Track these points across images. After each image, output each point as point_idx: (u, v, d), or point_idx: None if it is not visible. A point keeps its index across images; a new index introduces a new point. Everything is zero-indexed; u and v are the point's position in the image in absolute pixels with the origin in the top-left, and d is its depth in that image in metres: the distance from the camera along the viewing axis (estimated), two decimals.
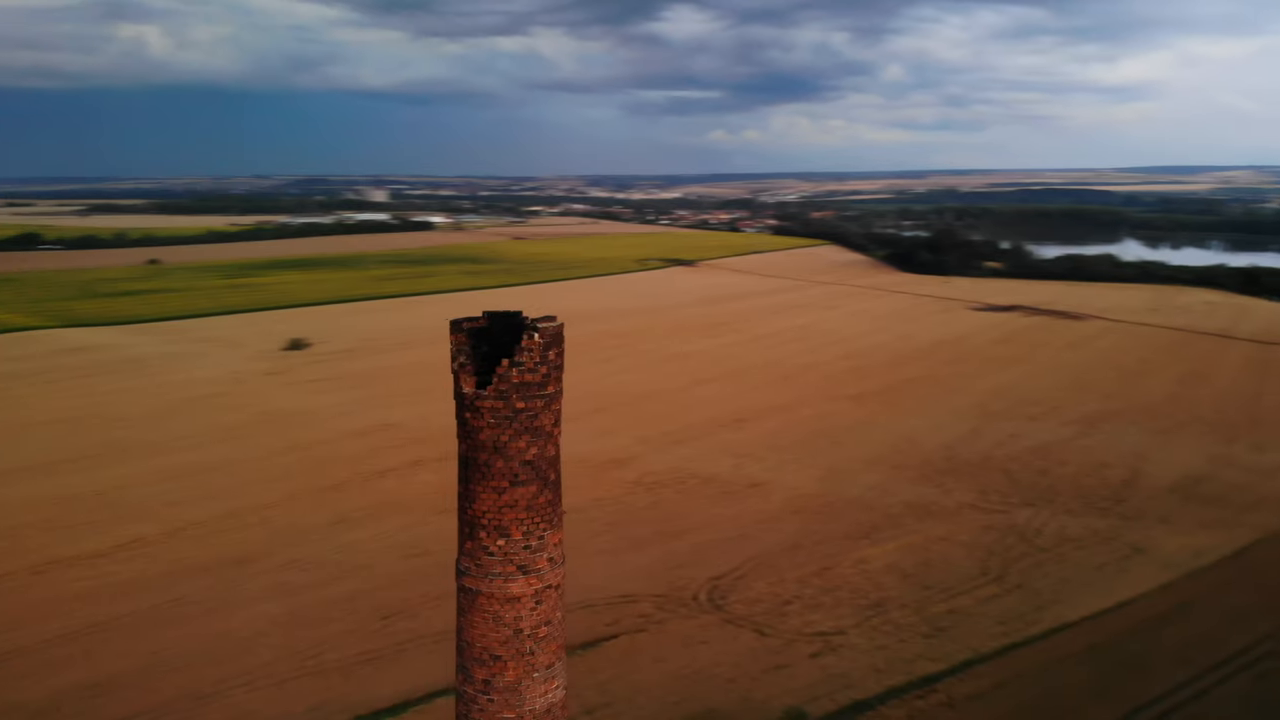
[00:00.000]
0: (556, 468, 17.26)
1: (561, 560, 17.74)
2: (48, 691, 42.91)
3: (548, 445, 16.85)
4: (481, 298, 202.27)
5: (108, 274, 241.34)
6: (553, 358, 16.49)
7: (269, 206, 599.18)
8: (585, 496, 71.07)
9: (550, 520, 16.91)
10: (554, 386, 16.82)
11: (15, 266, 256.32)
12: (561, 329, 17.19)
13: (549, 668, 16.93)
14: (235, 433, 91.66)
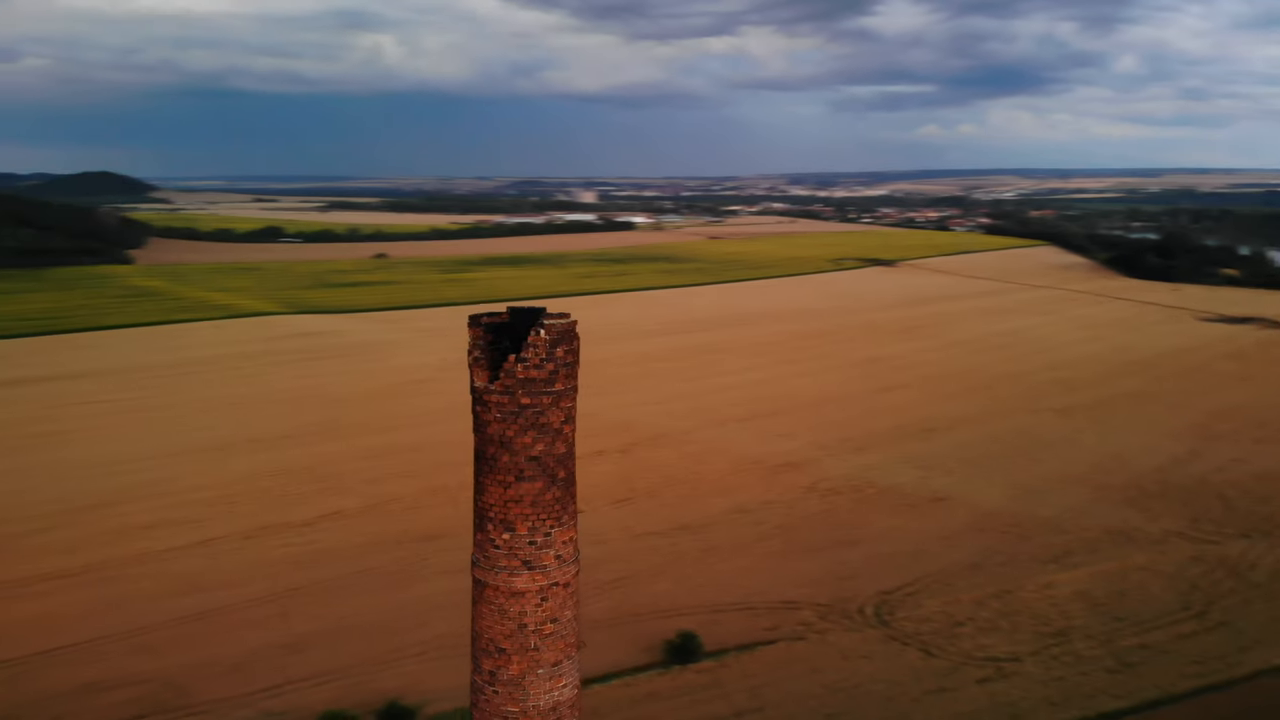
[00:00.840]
0: (568, 466, 17.10)
1: (572, 559, 17.43)
2: (245, 647, 47.32)
3: (556, 443, 16.55)
4: (673, 296, 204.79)
5: (339, 266, 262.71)
6: (560, 355, 16.30)
7: (487, 206, 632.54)
8: (755, 498, 70.55)
9: (557, 518, 16.68)
10: (563, 384, 16.56)
11: (259, 257, 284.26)
12: (572, 327, 16.91)
13: (555, 665, 16.90)
14: (437, 416, 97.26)
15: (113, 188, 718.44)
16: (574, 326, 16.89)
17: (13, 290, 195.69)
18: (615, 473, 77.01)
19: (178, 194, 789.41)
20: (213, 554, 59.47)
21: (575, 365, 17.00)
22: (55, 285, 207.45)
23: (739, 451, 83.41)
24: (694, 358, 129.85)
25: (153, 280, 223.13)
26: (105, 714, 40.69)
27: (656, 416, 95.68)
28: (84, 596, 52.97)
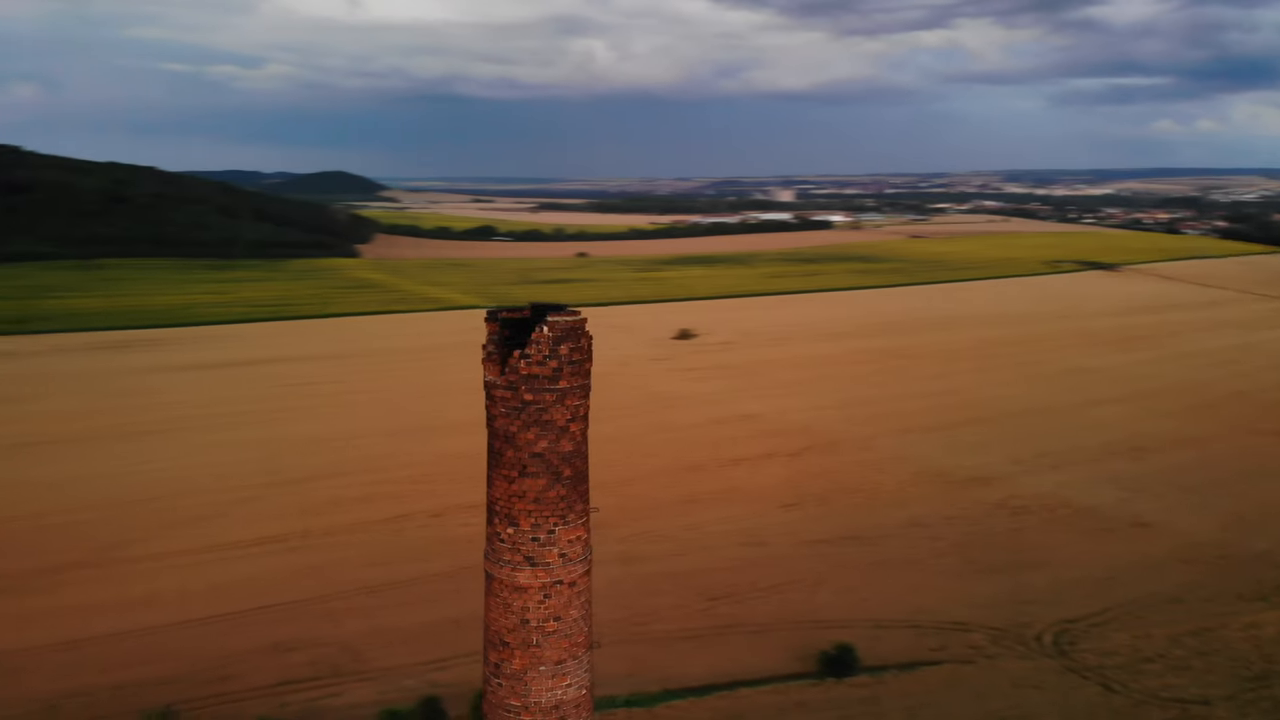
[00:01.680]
0: (575, 465, 16.95)
1: (579, 559, 17.22)
2: (420, 620, 50.22)
3: (560, 440, 16.59)
4: (866, 297, 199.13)
5: (543, 263, 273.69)
6: (564, 352, 16.22)
7: (685, 207, 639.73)
8: (935, 512, 67.51)
9: (562, 516, 16.70)
10: (567, 382, 16.41)
11: (471, 254, 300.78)
12: (578, 325, 16.61)
13: (559, 664, 16.89)
14: (618, 411, 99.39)
15: (346, 186, 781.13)
16: (581, 325, 16.69)
17: (252, 279, 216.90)
18: (784, 476, 75.93)
19: (404, 193, 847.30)
20: (404, 529, 63.57)
21: (584, 364, 16.79)
22: (289, 275, 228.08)
23: (922, 462, 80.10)
24: (881, 362, 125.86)
25: (375, 274, 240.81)
26: (285, 673, 44.30)
27: (834, 421, 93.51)
28: (284, 562, 58.01)
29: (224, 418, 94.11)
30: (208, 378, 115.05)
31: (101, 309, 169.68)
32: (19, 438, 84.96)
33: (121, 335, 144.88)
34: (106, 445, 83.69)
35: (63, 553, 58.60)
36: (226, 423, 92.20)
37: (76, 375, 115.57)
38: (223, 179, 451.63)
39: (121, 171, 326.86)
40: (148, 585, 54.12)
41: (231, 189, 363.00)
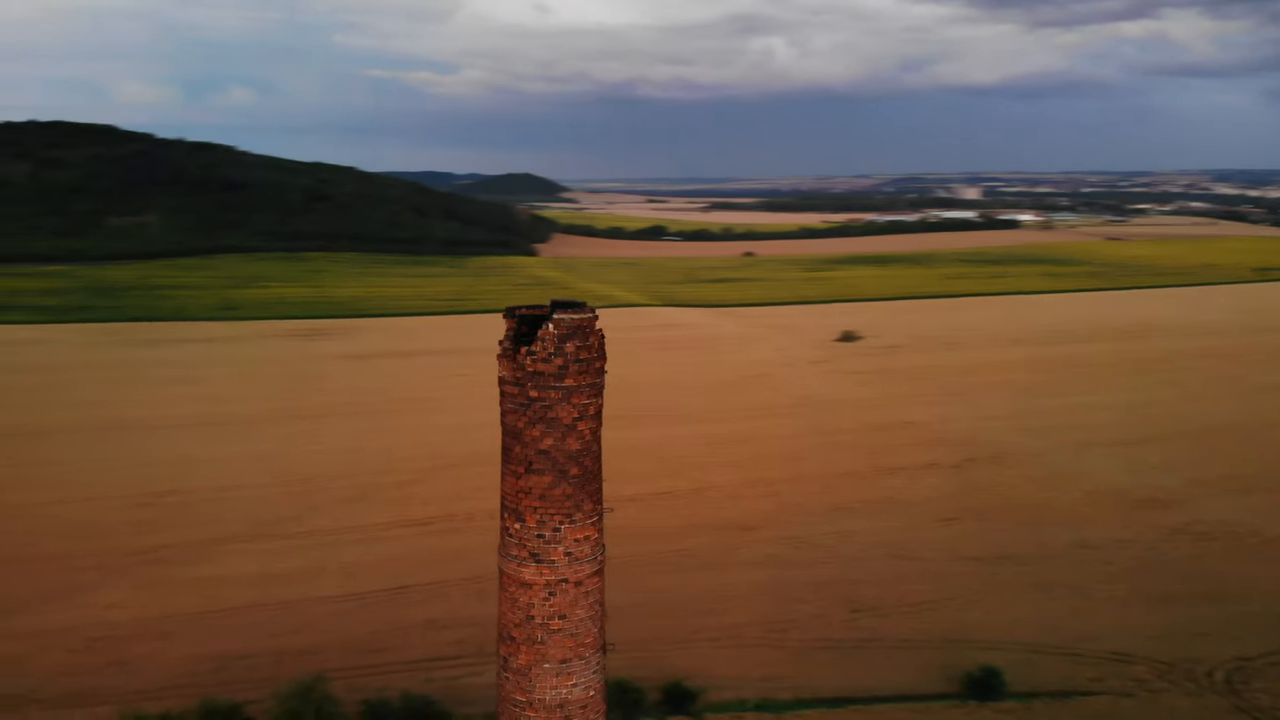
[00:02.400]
0: (582, 464, 16.75)
1: (587, 559, 17.00)
2: None
3: (567, 439, 16.43)
4: (1054, 302, 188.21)
5: (709, 263, 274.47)
6: (570, 350, 16.00)
7: (861, 205, 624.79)
8: (1107, 534, 63.12)
9: (568, 514, 16.60)
10: (574, 380, 16.18)
11: (641, 253, 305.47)
12: (587, 323, 16.26)
13: (563, 663, 16.77)
14: (771, 412, 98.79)
15: (531, 188, 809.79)
16: (590, 323, 16.36)
17: (436, 274, 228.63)
18: (945, 489, 72.95)
19: (584, 194, 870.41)
20: None
21: (593, 362, 16.52)
22: (471, 272, 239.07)
23: (1097, 480, 75.09)
24: (1062, 371, 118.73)
25: (550, 271, 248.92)
26: (433, 650, 46.57)
27: (1004, 432, 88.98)
28: (440, 543, 60.95)
29: (394, 403, 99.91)
30: (384, 365, 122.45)
31: (301, 298, 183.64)
32: (208, 417, 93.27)
33: (316, 324, 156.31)
34: (283, 425, 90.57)
35: (232, 524, 63.83)
36: (396, 408, 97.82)
37: (269, 359, 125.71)
38: (417, 179, 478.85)
39: (325, 171, 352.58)
40: (310, 559, 58.16)
41: (424, 189, 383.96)
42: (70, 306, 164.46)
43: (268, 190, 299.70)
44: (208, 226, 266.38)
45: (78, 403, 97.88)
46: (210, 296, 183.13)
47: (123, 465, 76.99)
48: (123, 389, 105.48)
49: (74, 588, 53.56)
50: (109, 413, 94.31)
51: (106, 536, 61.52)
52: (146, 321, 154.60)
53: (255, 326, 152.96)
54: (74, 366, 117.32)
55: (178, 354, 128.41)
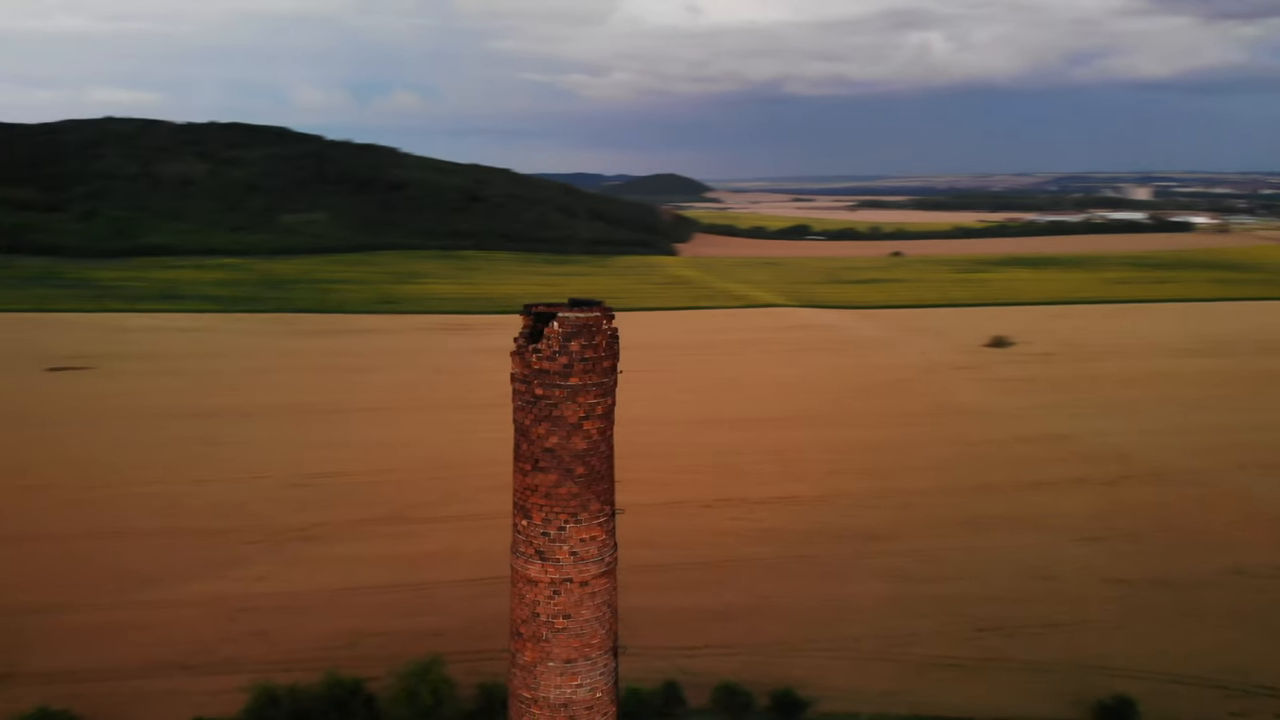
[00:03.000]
0: (589, 464, 16.50)
1: (594, 559, 16.65)
2: (676, 605, 51.75)
3: (572, 437, 16.27)
4: (1229, 310, 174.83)
5: (853, 263, 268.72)
6: (575, 349, 15.89)
7: (1021, 204, 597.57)
8: (1268, 561, 58.35)
9: (574, 514, 16.45)
10: (579, 379, 16.04)
11: (782, 253, 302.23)
12: (594, 322, 15.98)
13: (568, 662, 16.63)
14: (908, 419, 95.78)
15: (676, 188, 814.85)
16: (598, 322, 16.12)
17: (581, 273, 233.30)
18: (1093, 507, 68.92)
19: (728, 194, 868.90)
20: (674, 516, 65.70)
21: (600, 362, 16.28)
22: (614, 271, 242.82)
23: (1260, 503, 69.43)
24: (1231, 385, 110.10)
25: (689, 270, 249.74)
26: None
27: (1161, 450, 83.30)
28: None
29: None
30: None
31: (454, 294, 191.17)
32: (364, 404, 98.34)
33: (467, 319, 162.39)
34: (433, 414, 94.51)
35: (378, 507, 67.19)
36: None
37: (421, 352, 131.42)
38: (567, 181, 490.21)
39: (481, 173, 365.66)
40: (448, 543, 60.51)
41: (573, 190, 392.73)
42: (241, 297, 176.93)
43: (427, 190, 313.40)
44: (371, 224, 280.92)
45: (243, 387, 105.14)
46: (370, 291, 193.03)
47: (282, 447, 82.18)
48: (286, 376, 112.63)
49: (228, 561, 57.61)
50: (272, 398, 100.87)
51: (262, 514, 65.87)
52: (310, 313, 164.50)
53: (410, 320, 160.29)
54: (241, 354, 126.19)
55: (338, 344, 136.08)
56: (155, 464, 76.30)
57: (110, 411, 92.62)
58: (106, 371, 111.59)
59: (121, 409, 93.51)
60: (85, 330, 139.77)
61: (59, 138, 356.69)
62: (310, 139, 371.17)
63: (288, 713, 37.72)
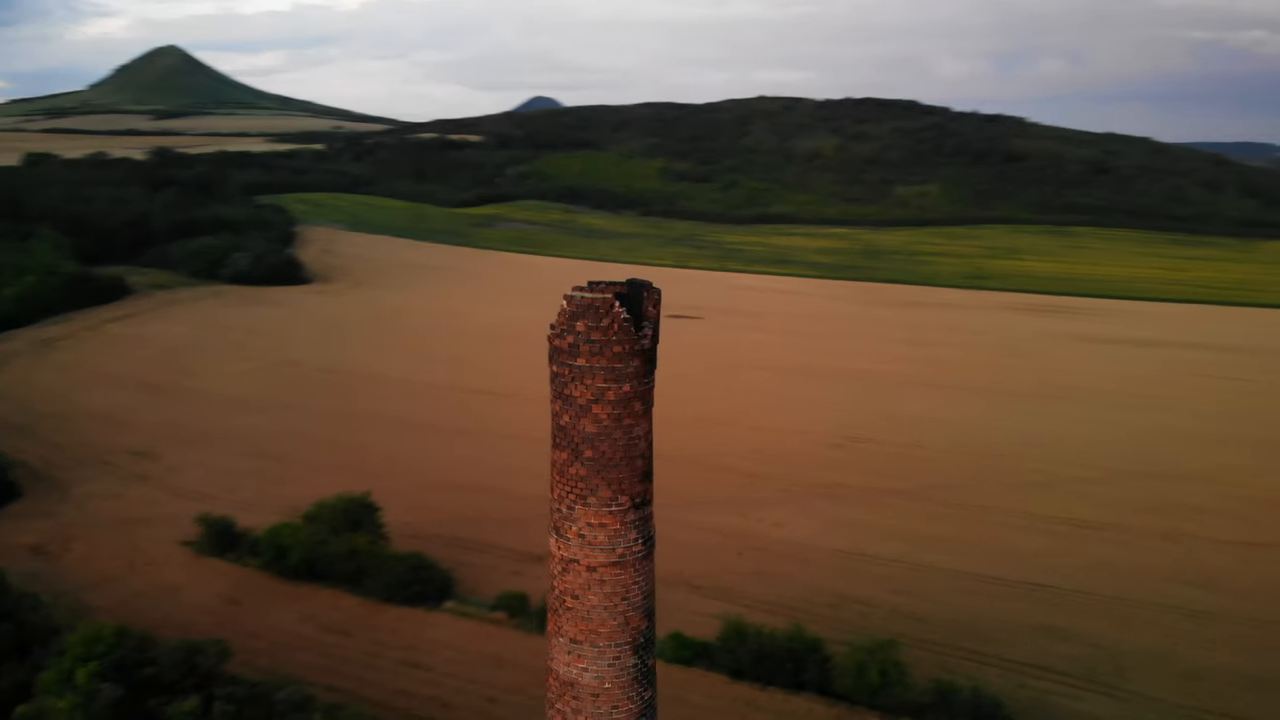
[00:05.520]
0: (598, 448, 16.01)
1: (603, 547, 16.28)
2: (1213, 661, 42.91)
3: (581, 419, 15.94)
4: None
5: None
6: (581, 329, 15.46)
7: None
8: None
9: (581, 496, 16.21)
10: (586, 360, 15.61)
11: None
12: (601, 304, 15.29)
13: (574, 642, 16.60)
14: None
15: None
16: (607, 303, 15.09)
17: (1215, 258, 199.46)
18: None
19: None
20: (1239, 558, 54.32)
21: (609, 345, 15.29)
22: (1262, 258, 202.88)
23: None
24: None
25: None
26: (1039, 657, 42.96)
27: None
28: (1091, 550, 55.33)
29: (1107, 395, 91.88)
30: (1117, 353, 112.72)
31: (1050, 274, 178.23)
32: (918, 377, 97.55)
33: (1059, 300, 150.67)
34: (982, 397, 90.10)
35: (902, 480, 66.63)
36: (1111, 400, 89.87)
37: (996, 330, 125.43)
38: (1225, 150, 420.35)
39: (1114, 143, 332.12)
40: (959, 530, 57.99)
41: (1224, 162, 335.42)
42: (841, 265, 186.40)
43: (1049, 162, 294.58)
44: (983, 197, 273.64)
45: (818, 350, 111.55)
46: (963, 265, 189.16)
47: (832, 409, 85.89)
48: (858, 342, 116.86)
49: (755, 502, 62.63)
50: (838, 361, 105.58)
51: (797, 466, 70.07)
52: (900, 284, 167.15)
53: (996, 297, 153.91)
54: (825, 318, 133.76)
55: (916, 316, 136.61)
56: (728, 406, 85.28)
57: (701, 354, 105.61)
58: (712, 322, 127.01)
59: (713, 355, 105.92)
60: (706, 285, 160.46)
61: (718, 116, 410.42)
62: (936, 111, 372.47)
63: (752, 651, 40.25)
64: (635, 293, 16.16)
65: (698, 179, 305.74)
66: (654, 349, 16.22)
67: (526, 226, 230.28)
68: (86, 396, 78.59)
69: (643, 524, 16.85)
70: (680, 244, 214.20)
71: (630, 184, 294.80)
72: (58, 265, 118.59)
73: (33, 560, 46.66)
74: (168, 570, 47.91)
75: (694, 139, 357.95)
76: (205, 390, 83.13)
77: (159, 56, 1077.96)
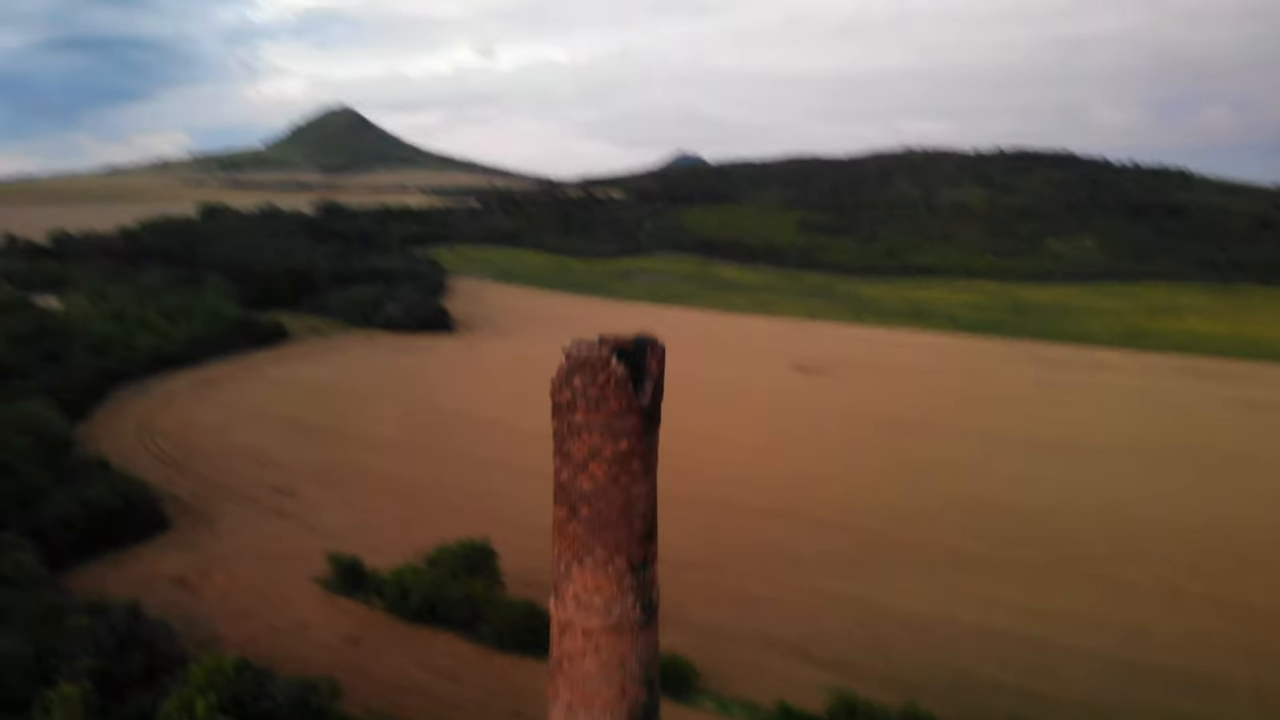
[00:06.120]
0: (595, 507, 15.23)
1: (600, 610, 15.30)
2: None
3: (578, 477, 15.34)
4: None
5: None
6: (578, 385, 15.11)
7: None
8: None
9: (578, 556, 15.40)
10: (583, 417, 15.09)
11: None
12: (594, 361, 14.94)
13: (570, 708, 15.96)
14: None
15: None
16: (602, 360, 14.94)
17: None
18: None
19: None
20: None
21: (606, 402, 14.92)
22: None
23: None
24: None
25: None
26: None
27: None
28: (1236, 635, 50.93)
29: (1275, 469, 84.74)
30: None
31: (1215, 334, 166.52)
32: (1054, 439, 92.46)
33: (1222, 363, 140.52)
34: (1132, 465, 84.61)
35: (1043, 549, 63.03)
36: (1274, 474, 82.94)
37: (1149, 394, 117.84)
38: None
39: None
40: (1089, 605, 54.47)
41: None
42: (983, 320, 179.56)
43: (1212, 216, 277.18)
44: (1140, 252, 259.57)
45: (945, 406, 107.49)
46: (1119, 323, 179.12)
47: (963, 469, 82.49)
48: (996, 401, 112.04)
49: (878, 565, 60.59)
50: (970, 419, 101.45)
51: (925, 529, 67.54)
52: (1048, 341, 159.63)
53: (1154, 359, 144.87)
54: (958, 373, 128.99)
55: (1063, 376, 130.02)
56: (852, 463, 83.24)
57: (827, 409, 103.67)
58: (838, 375, 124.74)
59: (839, 410, 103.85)
60: (837, 339, 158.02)
61: (860, 169, 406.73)
62: (1092, 163, 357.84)
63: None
64: (639, 350, 15.59)
65: (836, 231, 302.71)
66: (655, 407, 15.57)
67: (663, 278, 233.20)
68: (239, 434, 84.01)
69: (642, 589, 16.03)
70: (814, 296, 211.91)
71: (767, 236, 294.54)
72: (224, 310, 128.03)
73: (174, 590, 49.93)
74: (298, 606, 50.27)
75: (834, 192, 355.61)
76: (348, 431, 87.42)
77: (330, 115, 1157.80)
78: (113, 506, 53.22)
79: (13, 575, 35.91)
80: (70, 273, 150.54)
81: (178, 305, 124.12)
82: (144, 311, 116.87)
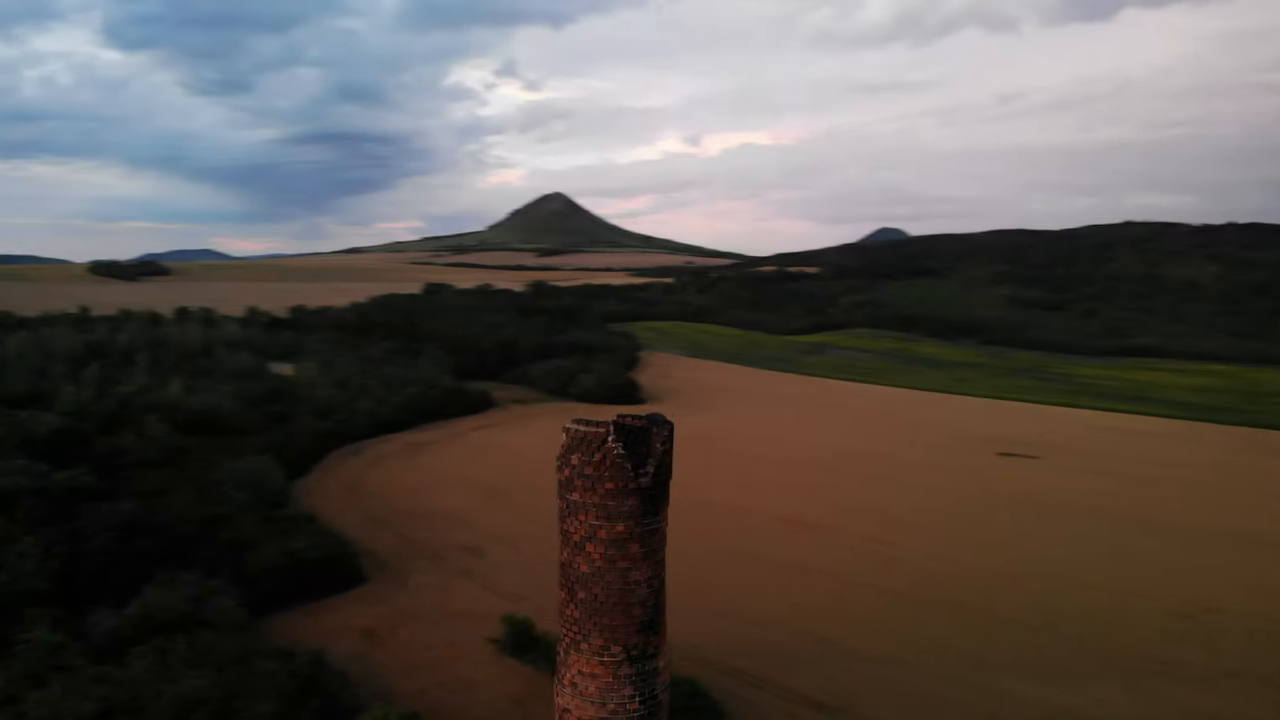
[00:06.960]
0: (592, 589, 15.04)
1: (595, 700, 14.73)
2: None
3: (576, 558, 15.23)
4: None
5: None
6: (575, 462, 15.01)
7: None
8: None
9: (575, 641, 15.24)
10: (580, 495, 15.04)
11: None
12: (591, 437, 14.74)
13: None
14: None
15: None
16: (598, 437, 14.64)
17: None
18: None
19: None
20: None
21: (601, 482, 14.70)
22: None
23: None
24: None
25: None
26: None
27: None
28: None
29: None
30: None
31: None
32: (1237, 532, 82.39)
33: None
34: None
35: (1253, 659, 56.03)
36: None
37: None
38: None
39: None
40: None
41: None
42: (1213, 406, 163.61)
43: None
44: None
45: (1165, 499, 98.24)
46: None
47: (1183, 569, 74.97)
48: (1226, 495, 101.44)
49: (1072, 672, 55.92)
50: (1197, 517, 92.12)
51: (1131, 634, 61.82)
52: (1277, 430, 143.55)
53: None
54: (1180, 464, 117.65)
55: None
56: (1057, 558, 77.62)
57: (1032, 499, 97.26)
58: (1047, 462, 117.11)
59: (1046, 500, 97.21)
60: (1049, 422, 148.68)
61: (1077, 242, 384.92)
62: None
63: None
64: (644, 428, 15.04)
65: (1049, 307, 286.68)
66: (656, 489, 14.88)
67: (855, 354, 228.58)
68: (438, 496, 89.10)
69: (642, 681, 15.22)
70: (1023, 375, 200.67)
71: (971, 312, 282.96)
72: (438, 379, 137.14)
73: (361, 642, 53.23)
74: (470, 665, 52.32)
75: (1048, 266, 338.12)
76: (538, 495, 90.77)
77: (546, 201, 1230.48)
78: (314, 558, 57.59)
79: (215, 619, 39.62)
80: (304, 343, 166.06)
81: (396, 374, 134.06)
82: (366, 379, 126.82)
